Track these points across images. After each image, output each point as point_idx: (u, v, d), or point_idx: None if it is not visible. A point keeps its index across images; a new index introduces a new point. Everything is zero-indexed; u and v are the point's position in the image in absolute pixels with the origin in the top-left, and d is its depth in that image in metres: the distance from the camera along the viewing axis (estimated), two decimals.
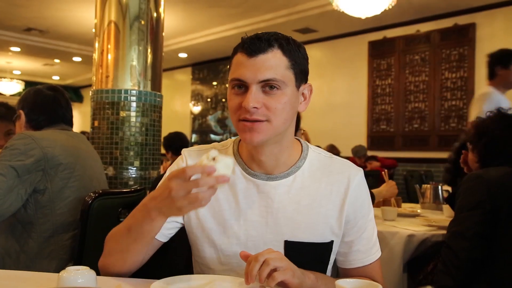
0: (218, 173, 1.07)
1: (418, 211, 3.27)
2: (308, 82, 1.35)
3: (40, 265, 1.98)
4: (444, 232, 2.32)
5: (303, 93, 1.33)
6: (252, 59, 1.22)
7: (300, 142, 1.42)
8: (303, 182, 1.35)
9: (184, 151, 1.45)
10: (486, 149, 2.17)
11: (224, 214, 1.34)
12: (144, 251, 1.30)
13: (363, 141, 8.23)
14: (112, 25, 3.29)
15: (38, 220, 1.98)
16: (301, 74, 1.29)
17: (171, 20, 8.20)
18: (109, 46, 3.28)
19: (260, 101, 1.21)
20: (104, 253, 1.34)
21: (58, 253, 2.01)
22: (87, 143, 2.34)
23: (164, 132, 4.14)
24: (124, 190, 2.08)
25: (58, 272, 1.09)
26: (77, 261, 1.85)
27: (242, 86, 1.24)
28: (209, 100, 11.39)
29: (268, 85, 1.22)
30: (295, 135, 1.44)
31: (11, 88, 12.84)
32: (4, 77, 12.84)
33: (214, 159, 1.09)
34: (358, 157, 7.25)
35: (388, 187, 3.15)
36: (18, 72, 14.05)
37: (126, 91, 3.22)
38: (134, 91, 3.24)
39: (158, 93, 3.41)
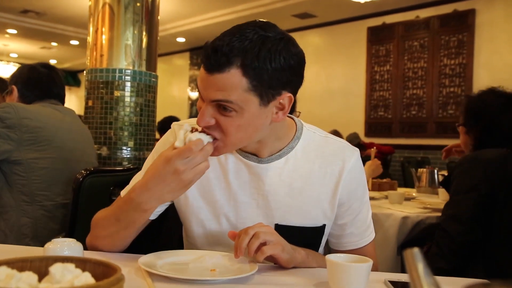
0: (205, 140, 1.12)
1: (414, 194, 3.27)
2: (290, 92, 1.17)
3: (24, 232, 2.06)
4: (439, 214, 2.31)
5: (280, 103, 1.17)
6: (207, 75, 1.10)
7: (295, 120, 1.36)
8: (296, 163, 1.30)
9: (174, 124, 1.41)
10: (483, 132, 2.10)
11: (215, 194, 1.31)
12: (134, 235, 1.28)
13: (361, 127, 8.22)
14: (107, 6, 3.25)
15: (16, 187, 2.06)
16: (272, 90, 1.12)
17: (169, 4, 8.13)
18: (103, 29, 3.25)
19: (213, 119, 1.14)
20: (91, 235, 1.32)
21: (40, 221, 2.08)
22: (75, 117, 2.37)
23: (160, 117, 4.12)
24: (116, 168, 2.07)
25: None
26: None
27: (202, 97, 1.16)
28: None
29: (222, 106, 1.11)
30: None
31: (8, 71, 12.78)
32: (1, 60, 12.77)
33: (192, 131, 1.13)
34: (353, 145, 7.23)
35: (374, 167, 3.13)
36: (15, 55, 13.97)
37: (120, 70, 3.19)
38: (129, 71, 3.21)
39: (153, 73, 3.38)
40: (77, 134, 2.28)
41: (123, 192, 1.37)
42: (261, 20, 1.15)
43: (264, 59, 1.08)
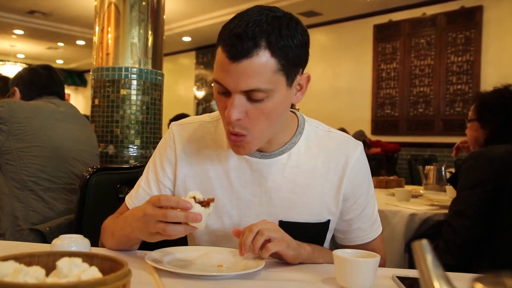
0: (195, 210, 1.03)
1: (421, 191, 3.26)
2: (305, 72, 1.19)
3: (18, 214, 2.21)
4: (446, 211, 2.30)
5: (299, 83, 1.18)
6: (234, 64, 1.06)
7: (296, 115, 1.34)
8: (299, 159, 1.28)
9: (173, 125, 1.38)
10: (501, 128, 2.13)
11: (216, 193, 1.28)
12: (135, 247, 1.27)
13: (367, 125, 8.19)
14: (113, 6, 3.27)
15: (8, 175, 2.21)
16: (295, 68, 1.13)
17: (175, 3, 8.14)
18: (109, 28, 3.26)
19: (244, 111, 1.11)
20: (101, 240, 1.33)
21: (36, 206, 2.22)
22: (70, 108, 2.48)
23: (166, 116, 4.13)
24: (123, 166, 2.07)
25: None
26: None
27: (225, 90, 1.12)
28: (213, 84, 11.35)
29: (253, 94, 1.09)
30: None
31: (15, 71, 12.83)
32: (8, 60, 12.83)
33: (194, 198, 1.05)
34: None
35: None
36: (22, 56, 14.03)
37: (126, 69, 3.20)
38: (135, 69, 3.21)
39: (159, 71, 3.39)
40: (71, 123, 2.39)
41: (127, 198, 1.38)
42: (258, 5, 1.15)
43: (286, 37, 1.08)
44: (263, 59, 1.06)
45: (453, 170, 3.70)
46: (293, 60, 1.10)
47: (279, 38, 1.07)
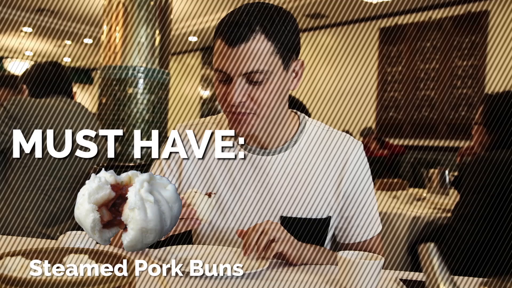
0: (196, 206, 1.06)
1: (424, 195, 3.26)
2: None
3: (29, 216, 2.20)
4: (449, 215, 2.30)
5: (294, 70, 1.24)
6: (232, 49, 1.13)
7: (298, 115, 1.38)
8: (300, 156, 1.31)
9: (178, 127, 1.42)
10: (509, 135, 2.07)
11: (219, 190, 1.32)
12: None
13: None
14: (121, 5, 3.29)
15: (18, 174, 2.20)
16: (289, 53, 1.19)
17: (182, 3, 8.16)
18: (117, 27, 3.28)
19: (245, 94, 1.16)
20: None
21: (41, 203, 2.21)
22: (78, 106, 2.47)
23: (172, 116, 4.13)
24: (128, 164, 2.09)
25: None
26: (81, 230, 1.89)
27: (225, 77, 1.17)
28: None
29: (253, 76, 1.15)
30: None
31: (23, 68, 12.85)
32: (16, 57, 12.86)
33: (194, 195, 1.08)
34: (363, 136, 7.33)
35: None
36: (30, 53, 14.07)
37: (133, 68, 3.22)
38: (142, 68, 3.23)
39: (166, 71, 3.40)
40: (80, 122, 2.41)
41: None
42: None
43: (279, 22, 1.16)
44: (260, 42, 1.13)
45: (456, 173, 3.69)
46: (287, 44, 1.18)
47: (272, 24, 1.15)
